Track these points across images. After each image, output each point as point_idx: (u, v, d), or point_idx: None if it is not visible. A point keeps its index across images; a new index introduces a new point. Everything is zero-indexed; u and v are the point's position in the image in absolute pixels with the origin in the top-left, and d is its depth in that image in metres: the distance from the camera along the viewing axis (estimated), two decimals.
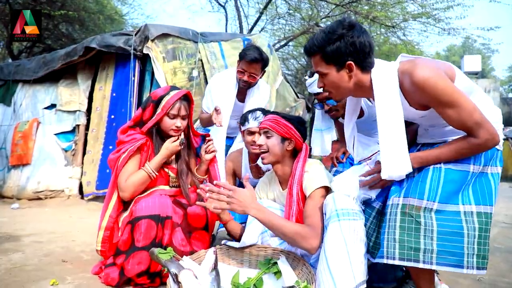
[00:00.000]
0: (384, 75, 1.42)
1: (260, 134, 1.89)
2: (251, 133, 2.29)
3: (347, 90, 1.50)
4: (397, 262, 1.32)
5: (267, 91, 2.90)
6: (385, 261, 1.34)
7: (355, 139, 1.75)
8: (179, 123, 1.97)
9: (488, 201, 1.36)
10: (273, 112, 1.93)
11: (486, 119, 1.32)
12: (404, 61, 1.45)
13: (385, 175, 1.39)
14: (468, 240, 1.31)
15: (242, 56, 2.60)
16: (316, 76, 2.24)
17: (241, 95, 2.78)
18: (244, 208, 1.56)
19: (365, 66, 1.44)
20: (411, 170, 1.38)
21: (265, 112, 2.31)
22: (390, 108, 1.39)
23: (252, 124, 2.28)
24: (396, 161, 1.36)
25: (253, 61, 2.53)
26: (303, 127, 1.86)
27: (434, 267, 1.30)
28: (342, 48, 1.39)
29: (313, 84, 2.26)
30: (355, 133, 1.76)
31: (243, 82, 2.63)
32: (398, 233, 1.34)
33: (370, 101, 2.22)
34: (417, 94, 1.36)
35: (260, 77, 2.71)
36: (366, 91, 1.50)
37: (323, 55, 1.44)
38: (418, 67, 1.34)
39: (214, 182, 1.67)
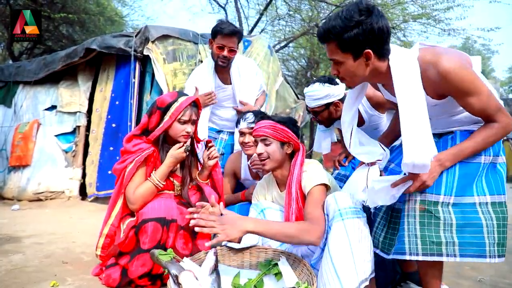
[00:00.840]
0: (404, 63, 1.37)
1: (256, 143, 1.85)
2: (242, 134, 2.33)
3: (362, 78, 1.47)
4: (420, 258, 1.34)
5: (253, 65, 2.79)
6: (407, 257, 1.35)
7: (354, 129, 1.65)
8: (189, 128, 1.93)
9: (500, 190, 1.39)
10: (262, 117, 1.90)
11: (501, 104, 1.34)
12: (423, 49, 1.41)
13: (408, 159, 1.30)
14: (488, 230, 1.33)
15: (218, 31, 2.45)
16: (306, 90, 2.29)
17: (225, 76, 2.66)
18: (238, 228, 1.36)
19: (383, 53, 1.40)
20: (435, 153, 1.33)
21: (256, 114, 2.32)
22: (413, 95, 1.33)
23: (242, 126, 2.32)
24: (421, 146, 1.29)
25: (232, 34, 2.43)
26: (296, 127, 1.87)
27: (458, 259, 1.32)
28: (360, 36, 1.32)
29: (307, 98, 2.31)
30: (355, 123, 1.66)
31: (222, 58, 2.49)
32: (419, 229, 1.35)
33: (370, 108, 2.23)
34: (442, 84, 1.33)
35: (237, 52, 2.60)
36: (381, 77, 1.47)
37: (339, 43, 1.36)
38: (443, 58, 1.31)
39: (197, 204, 1.56)
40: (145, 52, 4.61)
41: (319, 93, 2.22)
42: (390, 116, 2.31)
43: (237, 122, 2.37)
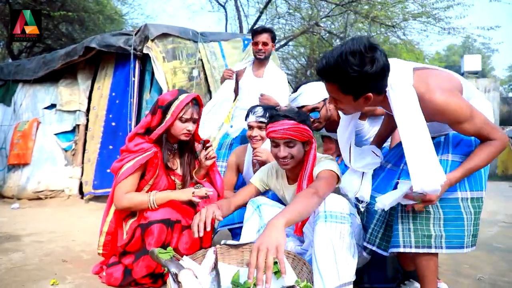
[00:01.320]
0: (403, 96, 1.38)
1: (275, 143, 1.78)
2: (251, 127, 2.32)
3: (360, 110, 1.53)
4: (413, 250, 1.41)
5: (284, 76, 3.29)
6: (402, 250, 1.42)
7: (352, 145, 1.70)
8: (191, 126, 1.90)
9: (479, 186, 1.48)
10: (277, 114, 1.78)
11: (492, 122, 1.40)
12: (417, 74, 1.42)
13: (417, 187, 1.31)
14: (467, 223, 1.43)
15: (252, 32, 3.21)
16: (300, 91, 2.29)
17: (259, 70, 3.19)
18: (275, 234, 1.28)
19: (382, 90, 1.42)
20: (445, 179, 1.34)
21: (265, 109, 2.30)
22: (414, 125, 1.35)
23: (250, 119, 2.31)
24: (429, 175, 1.31)
25: (262, 31, 3.11)
26: (309, 121, 1.83)
27: (444, 251, 1.40)
28: (363, 83, 1.33)
29: (296, 99, 2.32)
30: (352, 139, 1.70)
31: (258, 51, 3.10)
32: (412, 223, 1.42)
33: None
34: (436, 114, 1.39)
35: (273, 48, 3.16)
36: (378, 104, 1.52)
37: (340, 87, 1.37)
38: (436, 91, 1.35)
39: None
40: (145, 51, 4.60)
41: (318, 89, 2.22)
42: (372, 122, 2.33)
43: (246, 115, 2.38)
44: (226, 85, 3.26)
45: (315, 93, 2.24)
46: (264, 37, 3.08)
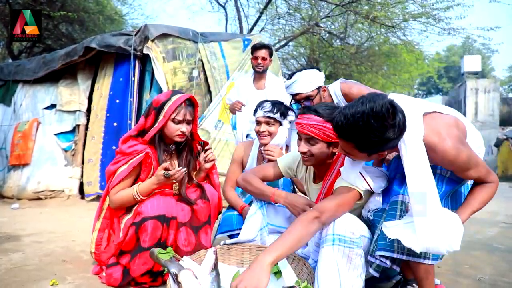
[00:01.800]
0: (414, 152, 1.38)
1: (299, 137, 1.71)
2: (258, 122, 2.29)
3: (371, 160, 1.55)
4: (404, 257, 1.42)
5: (283, 83, 3.33)
6: (395, 255, 1.43)
7: (369, 182, 1.58)
8: (184, 128, 1.89)
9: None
10: (308, 108, 1.68)
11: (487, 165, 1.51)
12: (427, 121, 1.43)
13: (421, 246, 1.30)
14: None
15: (252, 47, 3.42)
16: (294, 78, 2.28)
17: (260, 83, 3.40)
18: (259, 271, 1.24)
19: (396, 145, 1.41)
20: (457, 249, 1.33)
21: (273, 103, 2.28)
22: (424, 183, 1.34)
23: (258, 114, 2.27)
24: (434, 237, 1.30)
25: (261, 47, 3.36)
26: None
27: (430, 262, 1.42)
28: (381, 145, 1.33)
29: (290, 86, 2.31)
30: (363, 173, 1.59)
31: (257, 65, 3.33)
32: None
33: None
34: (444, 164, 1.45)
35: (270, 62, 3.38)
36: (389, 152, 1.55)
37: (357, 146, 1.34)
38: (446, 142, 1.39)
39: None
40: (145, 51, 4.61)
41: (312, 77, 2.22)
42: None
43: (255, 111, 2.33)
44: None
45: (309, 81, 2.22)
46: (262, 52, 3.34)
